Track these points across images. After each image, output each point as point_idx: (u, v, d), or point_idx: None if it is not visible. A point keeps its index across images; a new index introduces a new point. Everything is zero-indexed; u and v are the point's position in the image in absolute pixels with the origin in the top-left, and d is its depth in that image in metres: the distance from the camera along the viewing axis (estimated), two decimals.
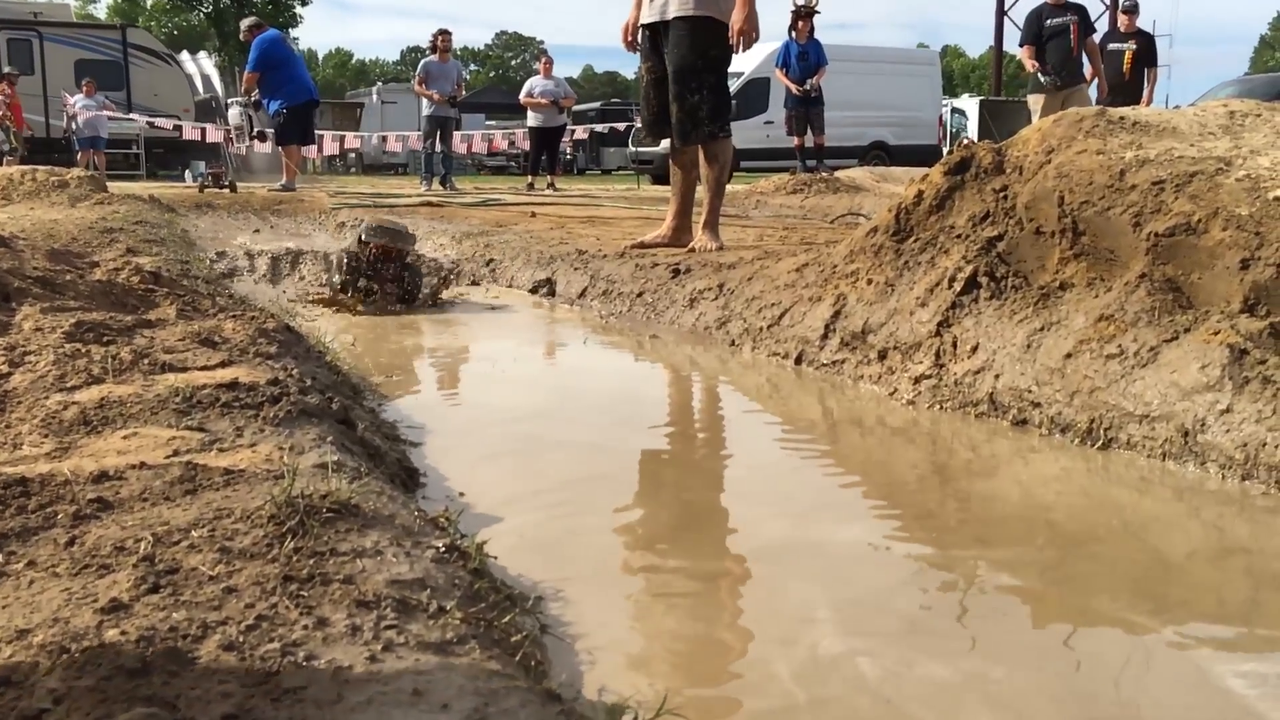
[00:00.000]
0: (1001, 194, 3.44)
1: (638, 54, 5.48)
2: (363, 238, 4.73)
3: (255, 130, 10.98)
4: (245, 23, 11.28)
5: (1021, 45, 9.24)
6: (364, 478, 1.70)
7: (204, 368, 2.18)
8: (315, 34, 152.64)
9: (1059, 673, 1.49)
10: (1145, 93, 10.02)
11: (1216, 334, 2.52)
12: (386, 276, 4.67)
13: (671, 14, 5.11)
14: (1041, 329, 2.94)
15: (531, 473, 2.42)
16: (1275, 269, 2.58)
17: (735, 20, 4.96)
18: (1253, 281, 2.60)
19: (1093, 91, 9.34)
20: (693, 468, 2.60)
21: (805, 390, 3.30)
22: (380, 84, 40.03)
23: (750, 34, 4.98)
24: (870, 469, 2.58)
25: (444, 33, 12.95)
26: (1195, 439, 2.38)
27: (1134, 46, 10.00)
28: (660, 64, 5.26)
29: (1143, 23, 10.35)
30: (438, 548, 1.45)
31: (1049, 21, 8.93)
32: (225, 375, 2.09)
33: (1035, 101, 8.95)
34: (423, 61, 13.11)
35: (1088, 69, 9.14)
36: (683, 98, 5.16)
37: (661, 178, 15.52)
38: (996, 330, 3.06)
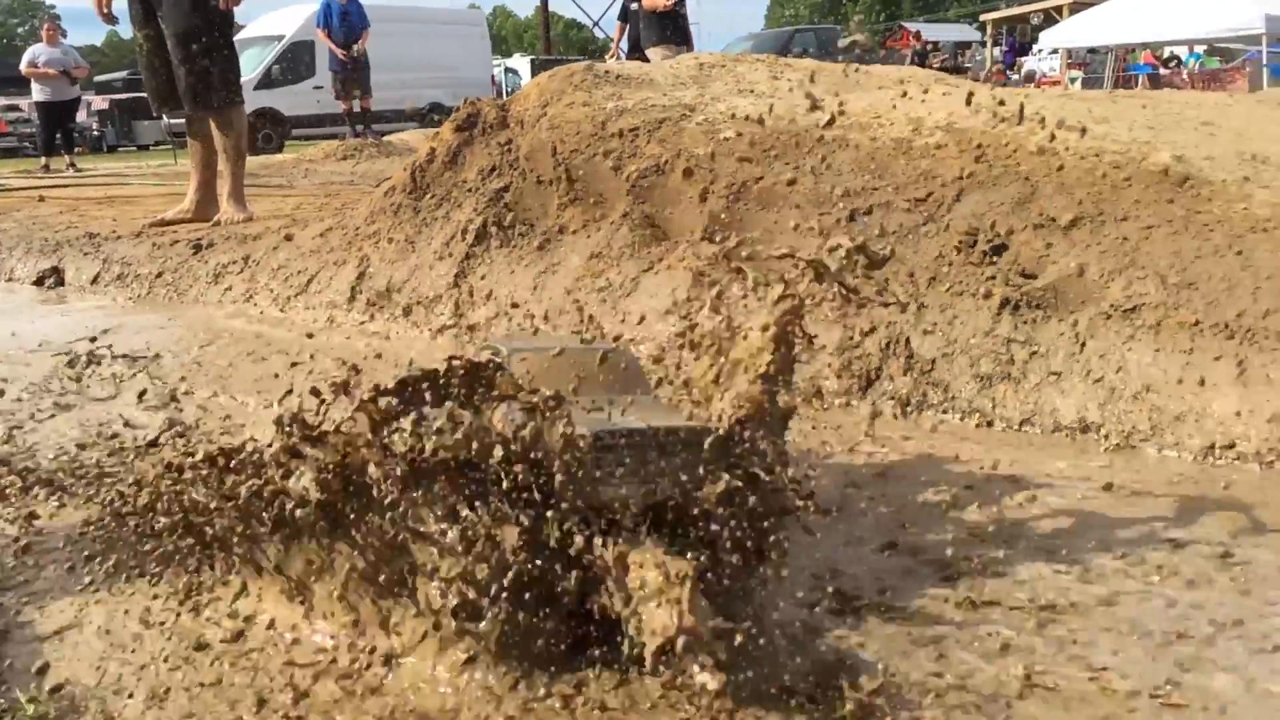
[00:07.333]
0: (506, 147, 3.62)
1: (109, 24, 5.23)
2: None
3: None
4: None
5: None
6: None
7: None
8: None
9: None
10: None
11: (682, 261, 2.86)
12: None
13: None
14: (545, 271, 3.16)
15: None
16: (726, 200, 2.95)
17: None
18: (710, 212, 2.96)
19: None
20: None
21: (337, 350, 3.30)
22: None
23: None
24: None
25: None
26: (668, 353, 2.69)
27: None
28: (158, 29, 4.92)
29: None
30: None
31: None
32: None
33: (655, 54, 9.25)
34: None
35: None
36: (190, 62, 4.87)
37: None
38: (507, 276, 3.24)
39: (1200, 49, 20.90)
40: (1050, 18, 24.90)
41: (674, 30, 9.46)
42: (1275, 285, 2.09)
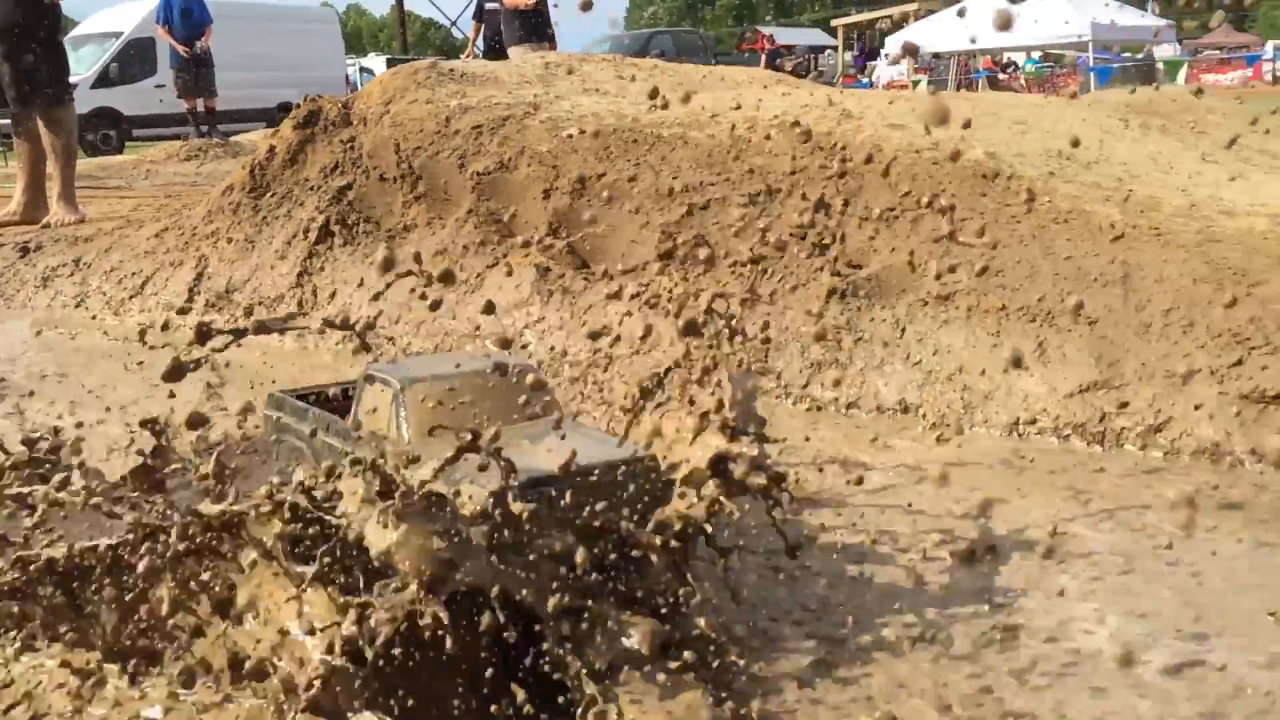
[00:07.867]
0: (349, 144, 3.58)
1: None
2: None
3: None
4: None
5: None
6: None
7: None
8: None
9: None
10: None
11: (527, 256, 2.89)
12: None
13: None
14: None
15: None
16: (569, 196, 2.99)
17: None
18: (553, 208, 3.00)
19: None
20: None
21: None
22: None
23: None
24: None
25: None
26: (515, 349, 2.72)
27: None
28: None
29: None
30: None
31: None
32: None
33: (517, 53, 9.09)
34: None
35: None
36: (13, 58, 4.66)
37: None
38: (352, 274, 3.20)
39: (1035, 54, 22.03)
40: (899, 24, 25.82)
41: (536, 29, 9.41)
42: (1072, 271, 2.25)
